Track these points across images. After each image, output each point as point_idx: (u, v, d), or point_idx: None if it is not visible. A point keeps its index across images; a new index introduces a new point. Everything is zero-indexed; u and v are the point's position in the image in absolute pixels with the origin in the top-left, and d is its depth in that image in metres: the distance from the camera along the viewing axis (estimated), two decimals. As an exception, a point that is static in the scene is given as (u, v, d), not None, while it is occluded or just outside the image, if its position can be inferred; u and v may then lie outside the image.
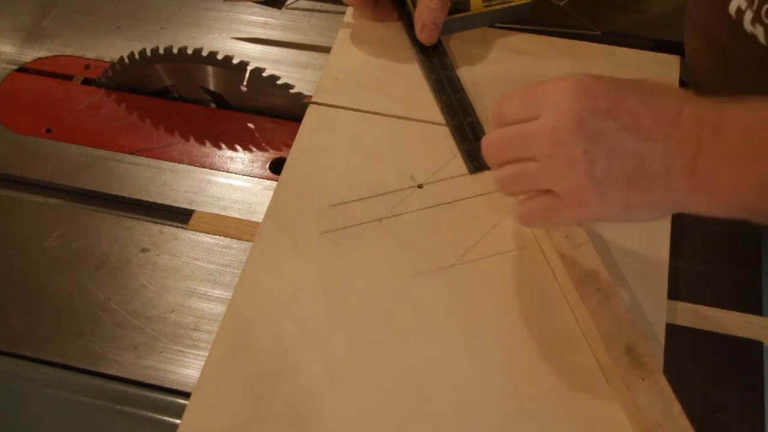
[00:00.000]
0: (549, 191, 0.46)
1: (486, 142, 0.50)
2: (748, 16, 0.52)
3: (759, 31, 0.51)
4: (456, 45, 0.67)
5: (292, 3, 0.75)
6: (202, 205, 0.61)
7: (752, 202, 0.42)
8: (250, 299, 0.52)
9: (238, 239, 0.59)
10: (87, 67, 0.72)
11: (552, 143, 0.44)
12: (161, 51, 0.66)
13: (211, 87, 0.69)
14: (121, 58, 0.67)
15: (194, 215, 0.61)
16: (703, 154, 0.42)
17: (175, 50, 0.65)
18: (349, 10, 0.68)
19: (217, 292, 0.56)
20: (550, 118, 0.45)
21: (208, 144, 0.66)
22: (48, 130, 0.67)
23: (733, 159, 0.41)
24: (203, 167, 0.64)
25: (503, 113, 0.48)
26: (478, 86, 0.63)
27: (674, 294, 0.54)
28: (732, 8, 0.53)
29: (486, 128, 0.60)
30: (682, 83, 0.64)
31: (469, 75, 0.64)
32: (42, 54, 0.73)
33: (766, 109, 0.42)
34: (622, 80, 0.45)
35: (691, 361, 0.53)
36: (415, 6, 0.65)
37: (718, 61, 0.59)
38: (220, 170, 0.64)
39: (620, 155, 0.43)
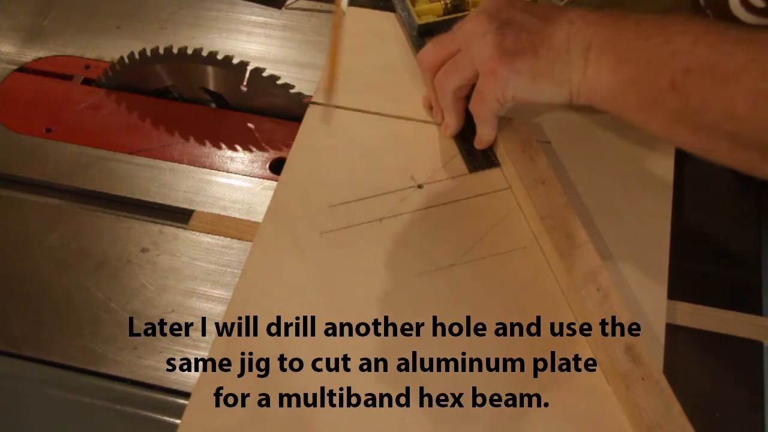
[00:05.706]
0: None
1: (420, 52, 0.58)
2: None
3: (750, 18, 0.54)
4: (456, 45, 0.66)
5: (292, 3, 0.75)
6: (202, 205, 0.61)
7: (620, 99, 0.49)
8: (250, 299, 0.52)
9: (238, 239, 0.59)
10: (87, 67, 0.72)
11: (472, 32, 0.54)
12: (161, 51, 0.66)
13: (211, 87, 0.69)
14: (121, 58, 0.67)
15: (194, 215, 0.61)
16: (595, 42, 0.50)
17: (175, 50, 0.65)
18: (349, 9, 0.68)
19: (217, 292, 0.56)
20: (469, 21, 0.55)
21: (208, 144, 0.66)
22: (48, 130, 0.67)
23: (613, 57, 0.49)
24: (203, 167, 0.64)
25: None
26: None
27: (674, 294, 0.54)
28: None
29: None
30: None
31: (469, 75, 0.64)
32: (42, 54, 0.73)
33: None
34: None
35: (691, 361, 0.53)
36: (414, 5, 0.65)
37: None
38: (220, 170, 0.64)
39: (530, 32, 0.52)
